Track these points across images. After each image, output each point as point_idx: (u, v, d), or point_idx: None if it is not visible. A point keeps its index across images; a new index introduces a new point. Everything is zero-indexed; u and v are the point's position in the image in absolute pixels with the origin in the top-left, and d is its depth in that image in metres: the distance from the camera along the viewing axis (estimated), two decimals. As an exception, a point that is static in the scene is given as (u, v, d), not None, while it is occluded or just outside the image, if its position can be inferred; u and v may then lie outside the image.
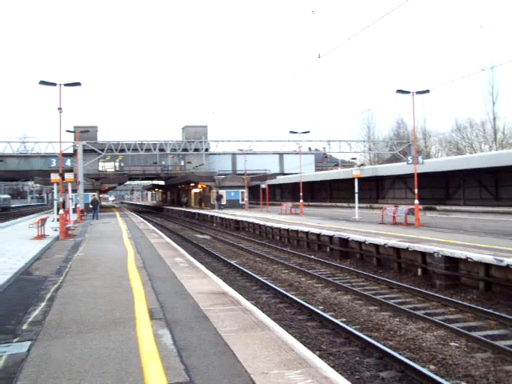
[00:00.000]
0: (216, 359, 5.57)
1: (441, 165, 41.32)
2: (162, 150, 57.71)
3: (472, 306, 11.26)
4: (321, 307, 11.83)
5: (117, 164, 64.79)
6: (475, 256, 12.73)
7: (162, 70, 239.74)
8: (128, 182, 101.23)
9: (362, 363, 7.93)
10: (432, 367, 7.75)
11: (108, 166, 64.74)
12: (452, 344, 8.84)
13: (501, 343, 8.58)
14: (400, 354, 8.15)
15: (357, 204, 31.22)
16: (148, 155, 59.75)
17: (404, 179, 47.05)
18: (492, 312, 10.59)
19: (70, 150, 53.85)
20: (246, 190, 54.89)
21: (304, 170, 48.63)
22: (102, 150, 54.33)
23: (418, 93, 26.26)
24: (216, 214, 42.99)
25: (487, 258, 12.38)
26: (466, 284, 13.33)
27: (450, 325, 9.82)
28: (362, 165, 62.63)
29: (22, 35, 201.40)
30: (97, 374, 5.17)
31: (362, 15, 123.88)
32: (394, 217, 26.00)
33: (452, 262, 13.56)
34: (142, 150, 56.39)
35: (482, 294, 12.46)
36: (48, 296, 9.41)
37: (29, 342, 6.37)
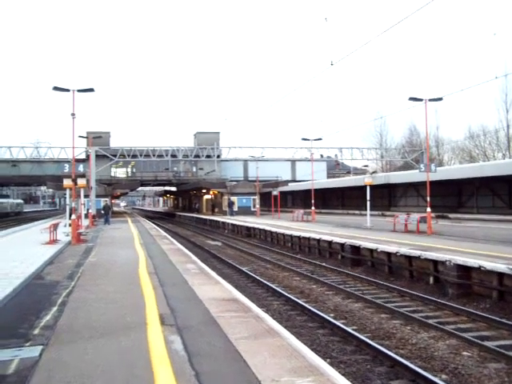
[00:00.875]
0: (226, 366, 5.56)
1: (453, 173, 41.11)
2: (174, 156, 57.87)
3: (485, 315, 11.15)
4: (332, 315, 11.78)
5: (129, 170, 65.02)
6: (488, 265, 12.62)
7: (175, 76, 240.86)
8: (140, 188, 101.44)
9: (373, 371, 7.88)
10: (444, 377, 7.68)
11: (120, 172, 64.98)
12: (464, 353, 8.76)
13: (514, 353, 8.48)
14: (411, 362, 8.09)
15: (368, 211, 31.11)
16: (160, 161, 59.91)
17: (416, 187, 46.80)
18: (505, 322, 10.48)
19: (83, 156, 54.22)
20: (257, 197, 54.88)
21: (316, 177, 48.60)
22: (115, 156, 54.57)
23: (431, 100, 26.20)
24: (227, 221, 43.02)
25: (500, 266, 12.27)
26: (479, 293, 13.22)
27: (462, 334, 9.74)
28: (374, 172, 62.49)
29: (36, 41, 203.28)
30: (108, 379, 5.18)
31: (374, 23, 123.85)
32: (405, 224, 25.88)
33: (464, 270, 13.45)
34: (154, 155, 56.58)
35: (495, 303, 12.34)
36: (60, 301, 9.45)
37: (40, 347, 6.40)
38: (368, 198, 30.94)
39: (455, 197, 44.61)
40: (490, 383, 7.40)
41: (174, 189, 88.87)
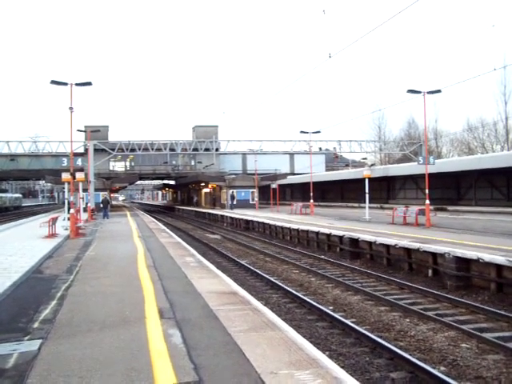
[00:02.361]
0: (225, 359, 5.56)
1: (452, 165, 41.07)
2: (172, 149, 57.84)
3: (483, 307, 11.18)
4: (331, 307, 11.79)
5: (127, 163, 64.92)
6: (487, 257, 12.64)
7: (173, 69, 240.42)
8: (139, 182, 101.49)
9: (372, 364, 7.90)
10: (442, 368, 7.70)
11: (119, 166, 64.88)
12: (463, 345, 8.78)
13: (513, 345, 8.49)
14: (410, 354, 8.10)
15: (367, 204, 31.09)
16: (158, 155, 59.88)
17: (415, 179, 46.78)
18: (504, 313, 10.51)
19: (81, 150, 54.16)
20: (256, 190, 54.86)
21: (314, 170, 48.56)
22: (113, 150, 54.52)
23: (430, 93, 26.13)
24: (226, 214, 43.02)
25: (499, 258, 12.29)
26: (478, 285, 13.24)
27: (460, 326, 9.75)
28: (372, 165, 62.36)
29: (34, 35, 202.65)
30: (107, 373, 5.18)
31: (372, 15, 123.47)
32: (404, 217, 25.89)
33: (463, 262, 13.47)
34: (152, 149, 56.56)
35: (494, 295, 12.36)
36: (59, 295, 9.46)
37: (39, 341, 6.40)
38: (367, 190, 30.92)
39: (454, 189, 44.59)
40: (489, 374, 7.41)
41: (172, 182, 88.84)
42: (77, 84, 24.96)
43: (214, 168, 60.28)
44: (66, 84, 24.73)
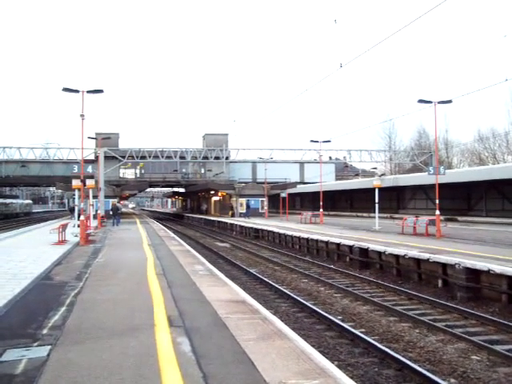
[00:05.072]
0: (234, 367, 5.55)
1: (463, 175, 40.92)
2: (182, 157, 58.02)
3: (494, 319, 11.09)
4: (340, 317, 11.74)
5: (137, 171, 65.10)
6: (497, 268, 12.55)
7: (184, 78, 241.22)
8: (148, 189, 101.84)
9: (381, 374, 7.84)
10: (453, 381, 7.64)
11: (129, 173, 65.08)
12: (473, 357, 8.70)
13: (524, 357, 8.41)
14: (420, 366, 8.05)
15: (377, 214, 31.01)
16: (169, 162, 60.03)
17: (425, 189, 46.65)
18: (514, 325, 10.41)
19: (92, 157, 54.43)
20: (265, 199, 54.85)
21: (324, 179, 48.52)
22: (123, 157, 54.77)
23: (440, 103, 26.04)
24: (236, 223, 43.00)
25: (510, 270, 12.20)
26: (488, 296, 13.13)
27: (471, 338, 9.67)
28: (382, 174, 62.26)
29: (45, 43, 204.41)
30: (115, 380, 5.18)
31: (383, 25, 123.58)
32: (414, 227, 25.78)
33: (473, 273, 13.38)
34: (162, 157, 56.76)
35: (505, 307, 12.26)
36: (68, 301, 9.47)
37: (48, 347, 6.41)
38: (376, 200, 30.83)
39: (464, 200, 44.41)
40: (500, 387, 7.35)
41: (182, 190, 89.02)
42: (88, 91, 25.18)
43: (224, 176, 60.34)
44: (77, 91, 24.97)
